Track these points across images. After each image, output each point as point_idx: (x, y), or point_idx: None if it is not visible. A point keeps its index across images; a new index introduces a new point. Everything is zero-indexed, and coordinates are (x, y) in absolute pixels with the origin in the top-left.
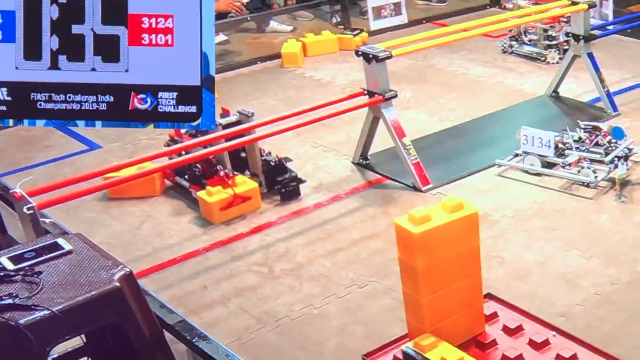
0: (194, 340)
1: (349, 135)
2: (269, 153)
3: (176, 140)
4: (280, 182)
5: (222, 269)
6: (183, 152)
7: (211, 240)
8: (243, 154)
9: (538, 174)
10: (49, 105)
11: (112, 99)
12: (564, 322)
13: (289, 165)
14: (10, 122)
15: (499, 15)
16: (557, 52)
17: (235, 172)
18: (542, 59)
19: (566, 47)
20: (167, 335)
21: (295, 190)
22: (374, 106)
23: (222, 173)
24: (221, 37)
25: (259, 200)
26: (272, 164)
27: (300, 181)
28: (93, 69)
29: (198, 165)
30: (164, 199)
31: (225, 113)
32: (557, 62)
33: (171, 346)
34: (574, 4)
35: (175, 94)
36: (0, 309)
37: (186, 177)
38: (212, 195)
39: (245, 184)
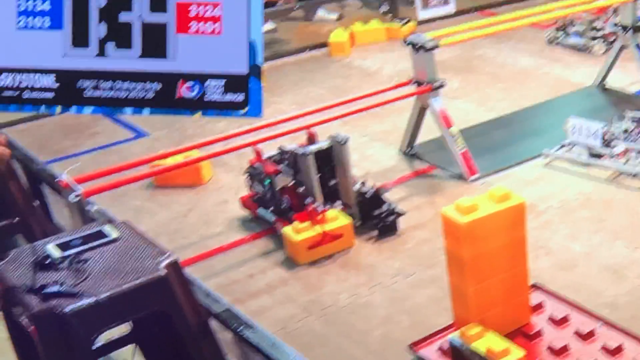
0: (239, 329)
1: (395, 124)
2: (364, 183)
3: (256, 167)
4: (377, 217)
5: (268, 258)
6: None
7: (257, 229)
8: (333, 181)
9: (585, 165)
10: (96, 93)
11: (159, 86)
12: (610, 312)
13: (385, 196)
14: (58, 109)
15: (547, 5)
16: (604, 43)
17: (326, 206)
18: (588, 50)
19: (612, 39)
20: (213, 324)
21: (393, 225)
22: (422, 95)
23: (310, 208)
24: (269, 26)
25: (351, 238)
26: (367, 195)
27: (399, 214)
28: (140, 56)
29: (286, 196)
30: (210, 187)
31: (311, 137)
32: (603, 54)
33: (217, 335)
34: None
35: (222, 82)
36: (47, 297)
37: (272, 209)
38: (300, 232)
39: (336, 220)
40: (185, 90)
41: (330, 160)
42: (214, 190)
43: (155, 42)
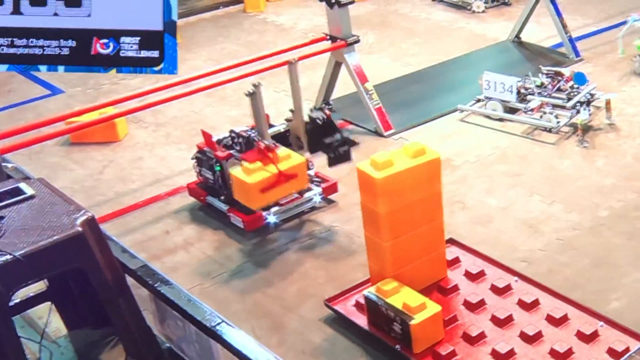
0: (156, 285)
1: (311, 80)
2: (314, 109)
3: (205, 152)
4: (328, 145)
5: (184, 214)
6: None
7: (173, 185)
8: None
9: (500, 119)
10: (11, 50)
11: (74, 43)
12: (526, 267)
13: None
14: None
15: None
16: (483, 0)
17: (276, 144)
18: (468, 7)
19: None
20: (130, 280)
21: (347, 154)
22: (337, 51)
23: (262, 145)
24: None
25: (305, 179)
26: (319, 121)
27: (353, 143)
28: (55, 14)
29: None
30: (126, 144)
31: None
32: (483, 12)
33: (133, 291)
34: None
35: (137, 38)
36: None
37: (222, 197)
38: (251, 174)
39: (289, 158)
40: (100, 47)
41: (288, 145)
42: (130, 147)
43: None
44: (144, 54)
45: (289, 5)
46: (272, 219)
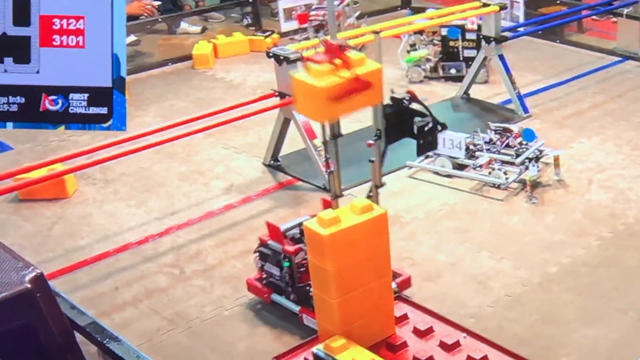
0: (104, 342)
1: (260, 136)
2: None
3: (270, 245)
4: (420, 130)
5: (133, 271)
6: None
7: (122, 242)
8: None
9: (449, 176)
10: None
11: (23, 100)
12: (475, 323)
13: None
14: None
15: (414, 17)
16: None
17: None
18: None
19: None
20: (78, 337)
21: (435, 140)
22: (285, 108)
23: (334, 44)
24: (132, 38)
25: (381, 90)
26: (406, 102)
27: (444, 127)
28: (4, 70)
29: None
30: (75, 200)
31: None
32: (421, 82)
33: (82, 348)
34: (485, 5)
35: (86, 95)
36: None
37: (292, 297)
38: (321, 77)
39: (364, 63)
40: (48, 104)
41: None
42: (79, 204)
43: (18, 55)
44: (93, 110)
45: (238, 61)
46: None
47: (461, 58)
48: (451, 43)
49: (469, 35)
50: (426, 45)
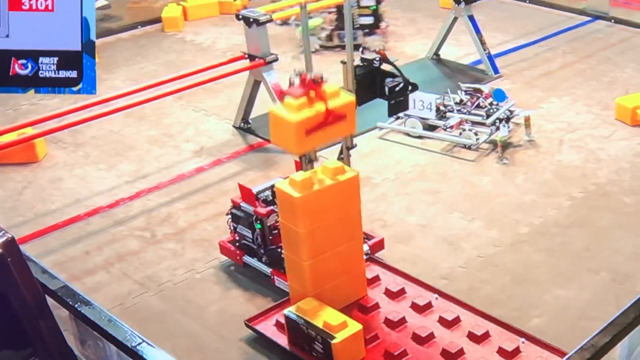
0: (76, 306)
1: (230, 99)
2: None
3: (243, 208)
4: (391, 91)
5: (104, 234)
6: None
7: (93, 206)
8: None
9: (420, 137)
10: None
11: None
12: (447, 284)
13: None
14: None
15: None
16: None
17: (324, 79)
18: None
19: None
20: (50, 301)
21: (406, 100)
22: (255, 70)
23: (307, 77)
24: (101, 2)
25: (353, 123)
26: (376, 63)
27: (415, 87)
28: None
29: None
30: (45, 164)
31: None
32: (316, 50)
33: (54, 312)
34: None
35: (56, 59)
36: None
37: (264, 259)
38: (294, 111)
39: (338, 96)
40: (18, 68)
41: None
42: (49, 168)
43: None
44: (63, 74)
45: (207, 24)
46: None
47: (357, 25)
48: None
49: (364, 2)
50: (320, 14)
